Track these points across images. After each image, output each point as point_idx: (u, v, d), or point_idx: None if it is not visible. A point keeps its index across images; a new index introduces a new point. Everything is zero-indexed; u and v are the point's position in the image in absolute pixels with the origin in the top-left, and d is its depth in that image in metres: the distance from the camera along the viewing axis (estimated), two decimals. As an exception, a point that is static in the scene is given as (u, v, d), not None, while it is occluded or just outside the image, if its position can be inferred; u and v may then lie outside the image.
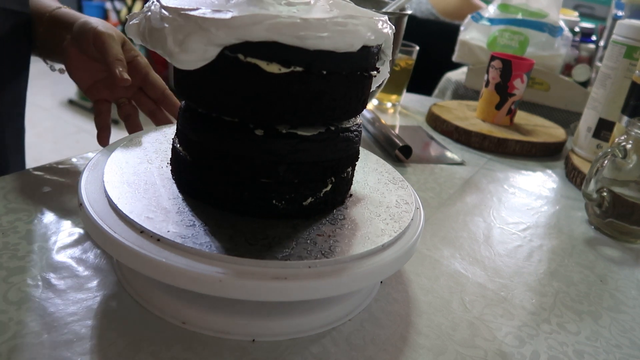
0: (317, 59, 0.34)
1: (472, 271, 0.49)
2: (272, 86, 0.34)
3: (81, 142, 2.64)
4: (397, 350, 0.37)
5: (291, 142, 0.36)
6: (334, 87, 0.36)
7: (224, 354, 0.34)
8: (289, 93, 0.35)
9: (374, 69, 0.39)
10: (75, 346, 0.33)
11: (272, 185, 0.37)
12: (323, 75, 0.35)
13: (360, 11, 0.38)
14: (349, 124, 0.40)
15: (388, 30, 0.39)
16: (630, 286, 0.51)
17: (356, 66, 0.37)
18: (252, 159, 0.36)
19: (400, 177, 0.49)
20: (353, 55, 0.35)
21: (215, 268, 0.32)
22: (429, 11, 1.74)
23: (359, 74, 0.37)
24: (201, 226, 0.35)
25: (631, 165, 0.58)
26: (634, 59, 0.74)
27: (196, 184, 0.39)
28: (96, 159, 0.42)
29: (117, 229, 0.34)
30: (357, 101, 0.39)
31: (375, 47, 0.38)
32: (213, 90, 0.36)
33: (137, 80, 0.58)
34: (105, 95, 0.59)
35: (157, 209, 0.36)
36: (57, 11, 0.60)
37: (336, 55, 0.34)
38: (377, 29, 0.37)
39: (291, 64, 0.34)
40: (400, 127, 0.91)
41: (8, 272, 0.38)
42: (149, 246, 0.33)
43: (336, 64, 0.35)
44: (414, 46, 0.97)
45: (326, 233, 0.37)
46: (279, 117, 0.36)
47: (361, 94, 0.39)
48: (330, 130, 0.38)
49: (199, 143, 0.38)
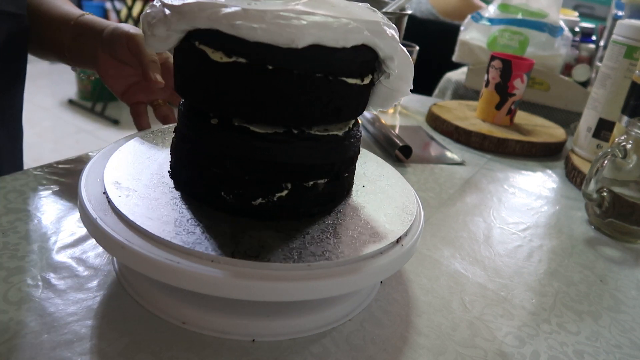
0: (256, 51, 0.33)
1: (472, 271, 0.49)
2: (217, 74, 0.35)
3: (81, 142, 2.64)
4: (397, 350, 0.37)
5: (241, 136, 0.36)
6: (284, 85, 0.34)
7: (224, 354, 0.34)
8: (233, 83, 0.35)
9: (351, 76, 0.36)
10: (75, 346, 0.33)
11: (222, 177, 0.37)
12: (268, 70, 0.34)
13: (361, 13, 0.36)
14: (319, 131, 0.37)
15: (367, 36, 0.35)
16: (630, 286, 0.51)
17: (311, 66, 0.34)
18: (205, 147, 0.37)
19: (401, 177, 0.49)
20: (300, 52, 0.33)
21: (215, 268, 0.32)
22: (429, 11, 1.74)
23: (319, 76, 0.35)
24: (201, 227, 0.35)
25: (631, 165, 0.58)
26: (634, 59, 0.74)
27: (177, 173, 0.40)
28: (96, 158, 0.42)
29: (117, 229, 0.34)
30: (321, 107, 0.36)
31: (349, 51, 0.35)
32: (182, 76, 0.38)
33: (170, 81, 0.58)
34: (141, 98, 0.60)
35: (157, 209, 0.36)
36: (82, 18, 0.60)
37: (278, 49, 0.33)
38: (344, 31, 0.34)
39: (232, 53, 0.34)
40: (400, 127, 0.91)
41: (8, 272, 0.38)
42: (149, 246, 0.33)
43: (279, 59, 0.33)
44: (414, 46, 0.97)
45: (326, 233, 0.37)
46: (231, 109, 0.36)
47: (326, 99, 0.36)
48: (290, 133, 0.36)
49: (178, 130, 0.40)
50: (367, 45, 0.36)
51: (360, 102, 0.39)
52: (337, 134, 0.38)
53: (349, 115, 0.39)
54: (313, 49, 0.33)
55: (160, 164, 0.43)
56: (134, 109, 0.59)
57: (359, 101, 0.39)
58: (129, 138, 0.47)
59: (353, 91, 0.37)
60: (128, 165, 0.42)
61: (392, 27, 0.38)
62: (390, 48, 0.37)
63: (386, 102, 0.43)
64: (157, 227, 0.34)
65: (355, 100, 0.38)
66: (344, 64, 0.35)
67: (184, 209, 0.37)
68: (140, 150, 0.45)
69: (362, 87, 0.38)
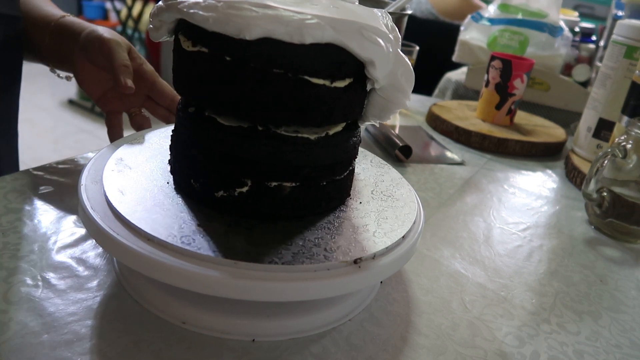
0: (213, 40, 0.34)
1: (472, 271, 0.49)
2: (187, 63, 0.37)
3: (81, 142, 2.64)
4: (397, 350, 0.37)
5: (208, 125, 0.37)
6: (242, 78, 0.34)
7: (224, 354, 0.34)
8: (199, 72, 0.36)
9: (317, 75, 0.34)
10: (75, 346, 0.33)
11: (192, 165, 0.38)
12: (226, 60, 0.34)
13: (345, 13, 0.35)
14: (287, 132, 0.36)
15: (331, 35, 0.33)
16: (630, 286, 0.51)
17: (266, 60, 0.33)
18: (181, 134, 0.39)
19: (400, 177, 0.49)
20: (253, 44, 0.32)
21: (215, 269, 0.32)
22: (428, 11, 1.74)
23: (277, 71, 0.33)
24: (201, 227, 0.35)
25: (631, 165, 0.58)
26: (634, 59, 0.74)
27: (170, 163, 0.42)
28: (96, 158, 0.42)
29: (117, 229, 0.34)
30: (283, 105, 0.35)
31: (308, 48, 0.33)
32: (173, 66, 0.40)
33: (144, 88, 0.58)
34: (116, 105, 0.58)
35: (157, 209, 0.36)
36: (62, 20, 0.59)
37: (231, 40, 0.33)
38: (298, 26, 0.32)
39: (197, 42, 0.35)
40: (400, 127, 0.91)
41: (8, 272, 0.38)
42: (148, 246, 0.33)
43: (234, 50, 0.33)
44: (414, 46, 0.97)
45: (326, 234, 0.37)
46: (201, 98, 0.37)
47: (287, 97, 0.34)
48: (254, 129, 0.36)
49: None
50: (337, 45, 0.34)
51: (335, 107, 0.36)
52: (308, 138, 0.37)
53: (321, 120, 0.36)
54: (265, 42, 0.32)
55: (162, 163, 0.43)
56: (108, 119, 0.58)
57: (333, 105, 0.36)
58: (130, 137, 0.47)
59: (321, 93, 0.35)
60: (128, 165, 0.42)
61: (381, 32, 0.35)
62: (367, 51, 0.34)
63: (382, 113, 0.40)
64: (153, 226, 0.34)
65: (327, 104, 0.36)
66: (303, 62, 0.34)
67: (185, 209, 0.37)
68: (141, 150, 0.45)
69: (335, 90, 0.36)
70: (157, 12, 0.37)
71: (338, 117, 0.37)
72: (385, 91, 0.39)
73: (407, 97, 0.39)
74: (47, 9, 0.61)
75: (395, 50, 0.37)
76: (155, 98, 0.59)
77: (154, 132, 0.49)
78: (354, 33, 0.34)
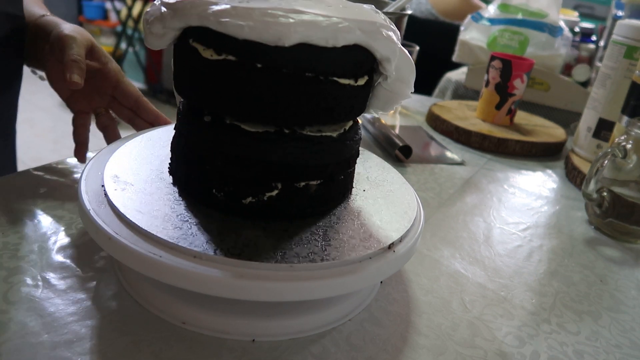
0: (245, 48, 0.33)
1: (472, 271, 0.49)
2: (208, 72, 0.35)
3: (81, 142, 2.63)
4: (397, 350, 0.37)
5: (232, 134, 0.36)
6: (273, 84, 0.34)
7: (224, 354, 0.34)
8: (223, 81, 0.35)
9: (344, 76, 0.36)
10: (75, 346, 0.33)
11: (213, 175, 0.37)
12: (257, 68, 0.33)
13: (357, 13, 0.36)
14: (312, 132, 0.37)
15: (359, 36, 0.34)
16: (630, 286, 0.51)
17: (301, 66, 0.34)
18: (198, 144, 0.38)
19: (401, 177, 0.49)
20: (288, 51, 0.33)
21: (215, 268, 0.32)
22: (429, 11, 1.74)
23: (309, 75, 0.34)
24: (201, 228, 0.35)
25: (631, 165, 0.58)
26: (634, 59, 0.74)
27: (174, 169, 0.41)
28: (96, 158, 0.42)
29: (117, 228, 0.34)
30: (313, 107, 0.35)
31: (340, 51, 0.34)
32: (178, 73, 0.39)
33: (108, 88, 0.57)
34: (84, 105, 0.57)
35: (150, 204, 0.36)
36: (40, 20, 0.58)
37: (266, 47, 0.33)
38: (333, 30, 0.33)
39: (222, 51, 0.34)
40: (401, 127, 0.91)
41: (8, 272, 0.38)
42: (148, 246, 0.33)
43: (268, 58, 0.33)
44: (414, 46, 0.97)
45: (326, 234, 0.37)
46: (222, 107, 0.36)
47: (317, 99, 0.35)
48: (281, 132, 0.36)
49: (176, 127, 0.41)
50: (361, 46, 0.35)
51: (355, 104, 0.38)
52: (331, 135, 0.38)
53: (343, 117, 0.38)
54: (301, 47, 0.33)
55: (162, 161, 0.43)
56: (75, 120, 0.57)
57: (354, 102, 0.38)
58: (130, 137, 0.47)
59: (346, 92, 0.36)
60: (128, 164, 0.42)
61: (390, 28, 0.37)
62: (386, 49, 0.36)
63: (386, 105, 0.42)
64: (146, 221, 0.34)
65: (349, 102, 0.37)
66: (335, 64, 0.35)
67: (185, 209, 0.37)
68: (141, 150, 0.45)
69: (357, 88, 0.37)
70: (161, 18, 0.36)
71: (356, 113, 0.39)
72: (390, 84, 0.40)
73: (411, 87, 0.40)
74: (31, 8, 0.60)
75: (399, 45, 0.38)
76: (119, 98, 0.58)
77: (156, 131, 0.49)
78: (374, 33, 0.35)
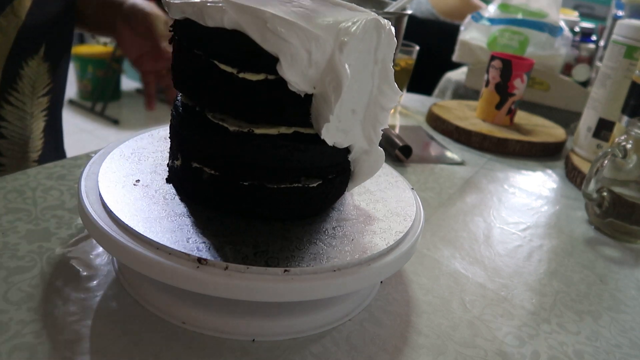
0: (183, 28, 0.36)
1: (472, 271, 0.49)
2: (181, 61, 0.37)
3: (81, 142, 2.63)
4: (397, 350, 0.37)
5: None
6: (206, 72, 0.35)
7: (224, 354, 0.34)
8: (201, 76, 0.36)
9: (224, 62, 0.34)
10: (75, 346, 0.33)
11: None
12: (197, 54, 0.35)
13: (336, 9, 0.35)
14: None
15: (230, 20, 0.32)
16: (630, 286, 0.51)
17: (187, 40, 0.36)
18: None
19: (400, 177, 0.49)
20: (179, 24, 0.36)
21: (215, 268, 0.32)
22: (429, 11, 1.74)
23: (197, 52, 0.35)
24: (200, 228, 0.35)
25: (631, 165, 0.58)
26: (634, 59, 0.74)
27: (169, 166, 0.41)
28: (96, 158, 0.42)
29: (117, 229, 0.34)
30: (206, 88, 0.35)
31: (211, 30, 0.33)
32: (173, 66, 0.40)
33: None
34: (151, 66, 0.72)
35: (156, 209, 0.36)
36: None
37: (199, 27, 0.34)
38: (201, 7, 0.32)
39: (186, 42, 0.36)
40: (401, 127, 0.91)
41: (8, 272, 0.38)
42: (148, 246, 0.33)
43: (196, 39, 0.35)
44: (414, 46, 0.97)
45: (325, 234, 0.37)
46: (200, 98, 0.37)
47: (203, 79, 0.35)
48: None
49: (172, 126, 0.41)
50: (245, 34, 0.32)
51: (256, 102, 0.34)
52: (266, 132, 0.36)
53: (245, 112, 0.35)
54: (187, 22, 0.35)
55: (162, 160, 0.43)
56: (144, 78, 0.73)
57: (253, 100, 0.34)
58: (130, 138, 0.47)
59: (234, 81, 0.34)
60: (128, 164, 0.42)
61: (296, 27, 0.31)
62: (270, 44, 0.31)
63: (315, 123, 0.35)
64: (144, 224, 0.34)
65: (243, 96, 0.34)
66: (212, 44, 0.34)
67: (184, 209, 0.37)
68: (140, 150, 0.45)
69: (248, 83, 0.33)
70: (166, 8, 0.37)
71: (265, 115, 0.35)
72: (315, 99, 0.34)
73: (331, 110, 0.33)
74: None
75: (335, 55, 0.32)
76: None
77: (156, 131, 0.49)
78: (257, 21, 0.31)
